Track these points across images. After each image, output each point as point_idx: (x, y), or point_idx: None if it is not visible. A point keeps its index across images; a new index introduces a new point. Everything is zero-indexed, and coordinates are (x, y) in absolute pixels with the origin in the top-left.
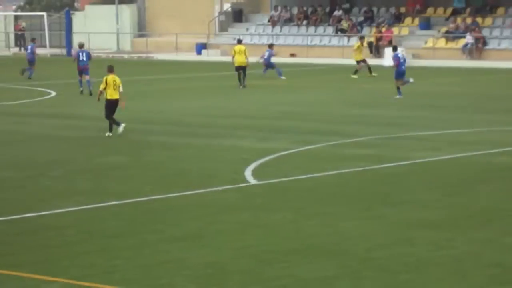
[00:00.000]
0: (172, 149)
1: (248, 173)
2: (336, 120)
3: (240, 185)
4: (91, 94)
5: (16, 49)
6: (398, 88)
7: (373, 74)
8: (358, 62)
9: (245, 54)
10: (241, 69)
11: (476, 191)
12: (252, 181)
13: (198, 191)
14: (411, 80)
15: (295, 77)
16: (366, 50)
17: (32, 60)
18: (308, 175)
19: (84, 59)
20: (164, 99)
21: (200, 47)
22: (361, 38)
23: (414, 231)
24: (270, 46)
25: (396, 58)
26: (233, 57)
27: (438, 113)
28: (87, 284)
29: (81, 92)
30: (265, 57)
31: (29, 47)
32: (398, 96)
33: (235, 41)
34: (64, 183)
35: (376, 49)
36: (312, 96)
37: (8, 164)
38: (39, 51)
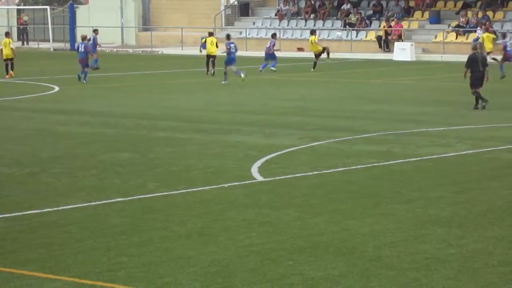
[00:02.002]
0: (177, 145)
1: (254, 169)
2: (344, 115)
3: (246, 182)
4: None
5: (19, 43)
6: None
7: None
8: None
9: (216, 45)
10: (212, 58)
11: (487, 188)
12: (258, 177)
13: (203, 188)
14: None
15: (302, 72)
16: (371, 44)
17: (94, 50)
18: (315, 172)
19: (82, 50)
20: (168, 94)
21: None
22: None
23: (424, 229)
24: (273, 36)
25: (227, 46)
26: (200, 49)
27: (448, 109)
28: (90, 282)
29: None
30: (267, 46)
31: (92, 36)
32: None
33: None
34: (67, 179)
35: (385, 44)
36: (320, 91)
37: (10, 161)
38: (42, 45)
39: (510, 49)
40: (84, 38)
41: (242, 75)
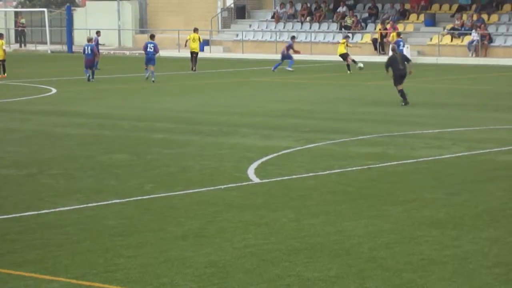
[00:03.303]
0: (174, 147)
1: (250, 171)
2: (340, 117)
3: (243, 183)
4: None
5: (17, 45)
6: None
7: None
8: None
9: (198, 41)
10: (194, 54)
11: (482, 190)
12: (255, 179)
13: (200, 189)
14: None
15: (298, 74)
16: (367, 47)
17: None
18: (311, 174)
19: (89, 52)
20: (165, 96)
21: (203, 44)
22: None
23: (419, 230)
24: (292, 38)
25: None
26: (186, 42)
27: (443, 111)
28: (88, 283)
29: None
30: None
31: (94, 38)
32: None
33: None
34: (65, 181)
35: (380, 46)
36: (316, 94)
37: (8, 162)
38: (39, 47)
39: (402, 48)
40: (90, 40)
41: (153, 79)
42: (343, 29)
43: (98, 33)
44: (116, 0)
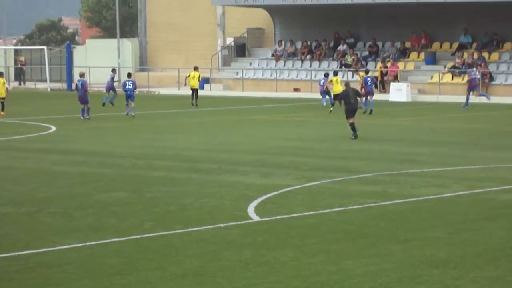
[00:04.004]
0: (173, 185)
1: (250, 209)
2: (340, 155)
3: (242, 221)
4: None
5: (16, 83)
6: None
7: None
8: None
9: (198, 79)
10: (195, 91)
11: (483, 228)
12: (255, 217)
13: (199, 228)
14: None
15: (298, 112)
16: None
17: (111, 87)
18: (312, 212)
19: (80, 87)
20: (165, 134)
21: (203, 82)
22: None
23: (420, 269)
24: (326, 75)
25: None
26: (186, 79)
27: (444, 149)
28: None
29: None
30: (320, 84)
31: (110, 75)
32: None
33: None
34: (64, 219)
35: (381, 84)
36: (316, 131)
37: (6, 200)
38: (39, 85)
39: (370, 84)
40: (82, 75)
41: (133, 114)
42: (343, 67)
43: (113, 70)
44: (116, 38)
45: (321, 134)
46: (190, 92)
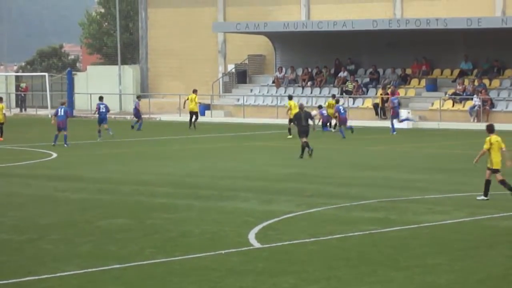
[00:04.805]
0: (174, 212)
1: (251, 236)
2: (341, 182)
3: (243, 248)
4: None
5: (17, 110)
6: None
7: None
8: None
9: (195, 101)
10: (194, 114)
11: (484, 255)
12: (256, 244)
13: (200, 254)
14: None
15: (297, 139)
16: (368, 111)
17: (137, 115)
18: (313, 239)
19: (62, 114)
20: (165, 160)
21: (203, 108)
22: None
23: None
24: (337, 101)
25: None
26: (185, 102)
27: (445, 176)
28: None
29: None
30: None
31: (135, 103)
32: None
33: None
34: (65, 246)
35: (382, 111)
36: (317, 158)
37: (8, 227)
38: (40, 112)
39: (343, 112)
40: (63, 103)
41: (111, 133)
42: (344, 94)
43: (138, 97)
44: (117, 65)
45: (321, 161)
46: (188, 119)
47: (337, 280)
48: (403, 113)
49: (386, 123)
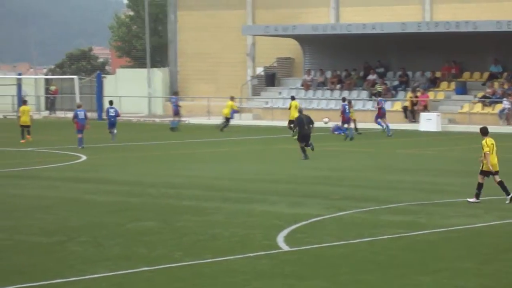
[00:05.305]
0: (203, 214)
1: (280, 239)
2: (370, 185)
3: (272, 251)
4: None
5: (47, 113)
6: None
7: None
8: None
9: (231, 108)
10: (226, 119)
11: None
12: (284, 247)
13: (229, 257)
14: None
15: (327, 141)
16: (397, 114)
17: (176, 112)
18: (341, 242)
19: (83, 116)
20: (194, 164)
21: (233, 111)
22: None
23: None
24: (344, 99)
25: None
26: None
27: (474, 179)
28: None
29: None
30: (346, 111)
31: (173, 99)
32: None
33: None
34: (94, 248)
35: (411, 114)
36: (345, 161)
37: (37, 229)
38: (69, 114)
39: (348, 112)
40: (80, 106)
41: (113, 139)
42: (373, 96)
43: (176, 93)
44: (146, 68)
45: (350, 164)
46: (218, 122)
47: (366, 283)
48: (432, 115)
49: (415, 126)
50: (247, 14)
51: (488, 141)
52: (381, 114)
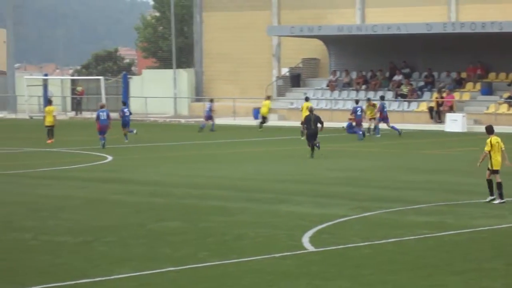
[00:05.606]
0: (228, 215)
1: (305, 239)
2: (396, 186)
3: (297, 252)
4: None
5: (73, 113)
6: (125, 134)
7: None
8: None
9: (268, 107)
10: (264, 118)
11: None
12: (310, 248)
13: (254, 257)
14: (134, 131)
15: (352, 142)
16: (423, 115)
17: (210, 117)
18: (367, 242)
19: (104, 117)
20: (218, 164)
21: (257, 112)
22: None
23: None
24: (357, 102)
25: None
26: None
27: (502, 180)
28: None
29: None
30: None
31: (208, 105)
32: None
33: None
34: (119, 248)
35: (437, 114)
36: (371, 162)
37: (63, 229)
38: (95, 115)
39: (360, 114)
40: (102, 106)
41: (135, 131)
42: (399, 97)
43: (212, 100)
44: (172, 69)
45: (375, 164)
46: (243, 122)
47: (392, 284)
48: (457, 116)
49: (441, 127)
50: (272, 14)
51: (493, 139)
52: (383, 116)
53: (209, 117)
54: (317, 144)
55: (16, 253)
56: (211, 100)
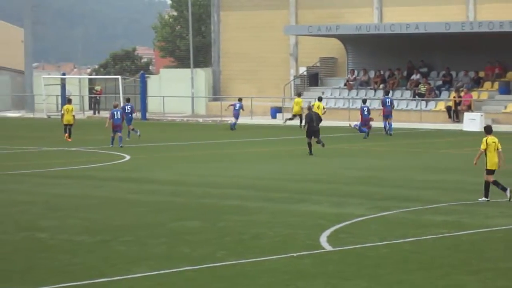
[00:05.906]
0: (246, 214)
1: (323, 239)
2: (413, 185)
3: (315, 251)
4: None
5: (91, 112)
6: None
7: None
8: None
9: (300, 105)
10: (299, 116)
11: None
12: (327, 247)
13: (272, 257)
14: (138, 133)
15: (371, 141)
16: (441, 114)
17: (237, 116)
18: (385, 242)
19: (119, 117)
20: (238, 163)
21: (275, 111)
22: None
23: None
24: (364, 101)
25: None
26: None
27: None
28: None
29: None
30: (365, 113)
31: (238, 104)
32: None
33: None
34: (137, 247)
35: (455, 114)
36: (389, 161)
37: (81, 228)
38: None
39: (367, 113)
40: (116, 105)
41: (138, 133)
42: (417, 96)
43: (240, 100)
44: (189, 68)
45: (393, 164)
46: (260, 122)
47: (409, 283)
48: (475, 115)
49: (459, 126)
50: (290, 14)
51: (489, 139)
52: (386, 112)
53: (238, 115)
54: (322, 143)
55: (33, 252)
56: (240, 99)
